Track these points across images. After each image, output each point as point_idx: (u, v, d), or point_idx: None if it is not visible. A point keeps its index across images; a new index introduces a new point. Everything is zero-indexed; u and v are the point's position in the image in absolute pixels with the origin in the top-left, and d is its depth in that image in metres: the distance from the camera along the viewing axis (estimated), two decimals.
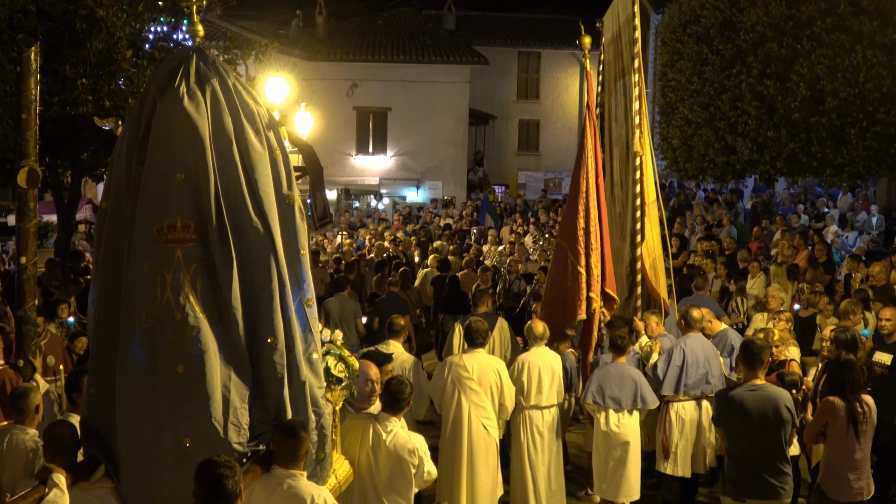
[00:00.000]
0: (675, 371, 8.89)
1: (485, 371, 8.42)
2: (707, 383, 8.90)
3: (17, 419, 6.65)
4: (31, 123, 6.46)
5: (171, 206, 5.00)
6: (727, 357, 9.51)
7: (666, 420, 9.02)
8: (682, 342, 9.03)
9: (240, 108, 5.18)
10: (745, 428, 7.00)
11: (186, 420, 4.99)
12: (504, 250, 19.82)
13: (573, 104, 37.62)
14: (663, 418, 9.07)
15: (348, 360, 5.91)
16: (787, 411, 6.94)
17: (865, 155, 17.33)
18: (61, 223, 15.96)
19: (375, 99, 34.01)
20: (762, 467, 6.93)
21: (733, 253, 16.80)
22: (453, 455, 8.36)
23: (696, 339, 9.07)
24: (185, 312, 4.95)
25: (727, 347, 9.66)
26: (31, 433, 6.58)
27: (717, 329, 10.02)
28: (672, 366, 8.91)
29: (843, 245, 19.96)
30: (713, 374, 8.96)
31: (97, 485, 5.11)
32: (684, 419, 8.98)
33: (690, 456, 8.99)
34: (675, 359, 8.92)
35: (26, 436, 6.50)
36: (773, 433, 6.94)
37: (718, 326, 10.09)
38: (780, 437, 6.96)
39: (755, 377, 7.10)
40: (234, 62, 14.83)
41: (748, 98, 19.28)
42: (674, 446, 8.94)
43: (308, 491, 5.19)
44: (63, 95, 11.88)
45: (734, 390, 7.19)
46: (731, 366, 9.44)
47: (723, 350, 9.62)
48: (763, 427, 6.93)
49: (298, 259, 5.33)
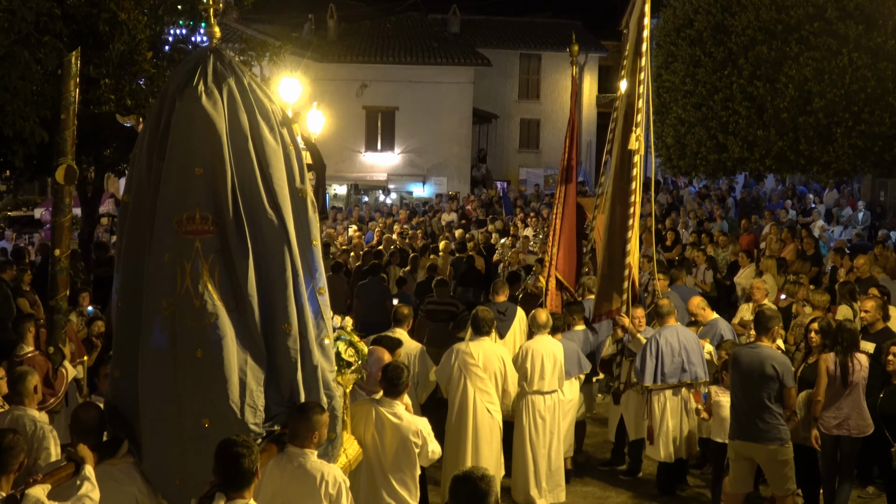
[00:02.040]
0: (651, 363, 8.94)
1: (490, 358, 8.45)
2: (683, 371, 8.95)
3: (16, 400, 6.66)
4: (70, 123, 6.48)
5: (190, 200, 5.02)
6: (716, 345, 9.48)
7: (649, 409, 9.07)
8: (656, 334, 9.05)
9: (255, 105, 5.19)
10: (738, 378, 7.60)
11: (205, 402, 5.02)
12: (506, 242, 19.81)
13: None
14: (648, 407, 9.10)
15: (358, 345, 5.93)
16: (773, 369, 7.37)
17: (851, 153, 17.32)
18: (85, 216, 15.96)
19: (384, 99, 33.97)
20: (749, 414, 7.48)
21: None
22: (459, 438, 8.39)
23: (671, 329, 9.06)
24: (203, 300, 4.98)
25: (717, 336, 9.61)
26: (31, 414, 6.59)
27: (709, 318, 9.99)
28: (649, 357, 8.95)
29: (829, 239, 19.94)
30: (692, 360, 8.97)
31: (122, 460, 5.15)
32: (665, 407, 9.02)
33: (671, 441, 9.01)
34: (650, 350, 8.96)
35: (26, 417, 6.51)
36: (757, 386, 7.43)
37: (710, 315, 10.06)
38: (762, 390, 7.41)
39: (760, 340, 7.65)
40: (249, 63, 14.79)
41: (739, 98, 19.27)
42: (657, 433, 8.99)
43: (318, 469, 5.22)
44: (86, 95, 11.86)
45: (739, 348, 7.96)
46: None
47: (712, 338, 9.58)
48: (749, 379, 7.48)
49: (311, 249, 5.35)
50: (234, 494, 4.45)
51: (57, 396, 8.02)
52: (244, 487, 4.48)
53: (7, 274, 12.15)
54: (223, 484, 4.47)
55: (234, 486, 4.45)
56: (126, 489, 5.05)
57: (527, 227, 22.06)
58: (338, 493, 5.23)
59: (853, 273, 12.76)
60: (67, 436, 5.65)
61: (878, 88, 16.52)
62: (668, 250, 17.17)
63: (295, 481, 5.20)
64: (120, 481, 5.04)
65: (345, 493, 5.27)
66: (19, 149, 11.10)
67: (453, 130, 34.23)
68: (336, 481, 5.23)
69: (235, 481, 4.44)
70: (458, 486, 3.93)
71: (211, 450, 4.52)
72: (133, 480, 5.10)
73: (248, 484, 4.49)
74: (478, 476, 3.91)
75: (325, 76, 31.32)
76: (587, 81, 38.57)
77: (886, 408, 7.91)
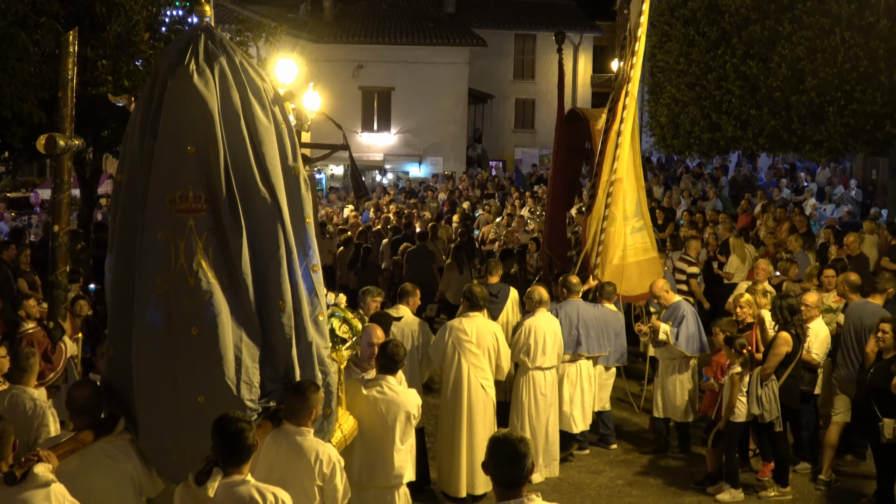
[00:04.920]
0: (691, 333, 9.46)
1: (483, 334, 8.45)
2: (578, 344, 9.43)
3: (16, 379, 6.66)
4: (68, 101, 6.52)
5: (182, 178, 5.00)
6: (675, 328, 9.46)
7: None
8: (556, 308, 9.39)
9: (246, 84, 5.16)
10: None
11: (201, 379, 5.02)
12: (502, 221, 19.79)
13: (567, 84, 37.25)
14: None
15: (352, 321, 5.93)
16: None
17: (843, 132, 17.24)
18: (84, 197, 15.94)
19: (380, 79, 33.86)
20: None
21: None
22: (453, 414, 8.41)
23: (573, 304, 9.55)
24: (197, 278, 4.96)
25: (678, 318, 9.53)
26: (30, 392, 6.59)
27: (671, 300, 9.87)
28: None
29: (820, 217, 19.94)
30: (590, 334, 9.50)
31: (118, 437, 5.14)
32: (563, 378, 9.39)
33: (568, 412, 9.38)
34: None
35: (25, 395, 6.51)
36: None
37: (673, 298, 9.94)
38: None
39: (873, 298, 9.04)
40: (245, 44, 14.72)
41: (732, 78, 19.19)
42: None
43: (313, 447, 5.22)
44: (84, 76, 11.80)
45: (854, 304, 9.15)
46: (676, 336, 9.42)
47: (675, 321, 9.52)
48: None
49: (304, 227, 5.32)
50: (232, 470, 4.45)
51: (56, 371, 8.04)
52: (242, 463, 4.47)
53: (7, 254, 12.14)
54: (221, 459, 4.46)
55: (233, 462, 4.45)
56: (122, 467, 5.03)
57: (524, 207, 22.03)
58: (331, 473, 5.24)
59: (844, 250, 12.78)
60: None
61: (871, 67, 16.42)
62: (661, 230, 17.14)
63: (290, 459, 5.20)
64: (116, 459, 5.02)
65: (339, 472, 5.28)
66: (17, 130, 11.07)
67: (449, 110, 34.16)
68: (330, 461, 5.24)
69: (235, 457, 4.43)
70: (498, 446, 3.99)
71: (207, 426, 4.51)
72: (129, 458, 5.08)
73: (247, 459, 4.49)
74: (517, 438, 3.98)
75: (321, 57, 31.18)
76: (582, 62, 38.46)
77: (876, 382, 7.93)
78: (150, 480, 5.16)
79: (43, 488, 4.35)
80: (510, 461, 3.93)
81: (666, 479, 9.04)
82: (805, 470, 9.05)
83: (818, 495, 8.63)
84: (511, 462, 3.93)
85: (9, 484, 4.34)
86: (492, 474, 4.05)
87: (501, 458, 3.96)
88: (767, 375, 8.30)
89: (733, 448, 8.50)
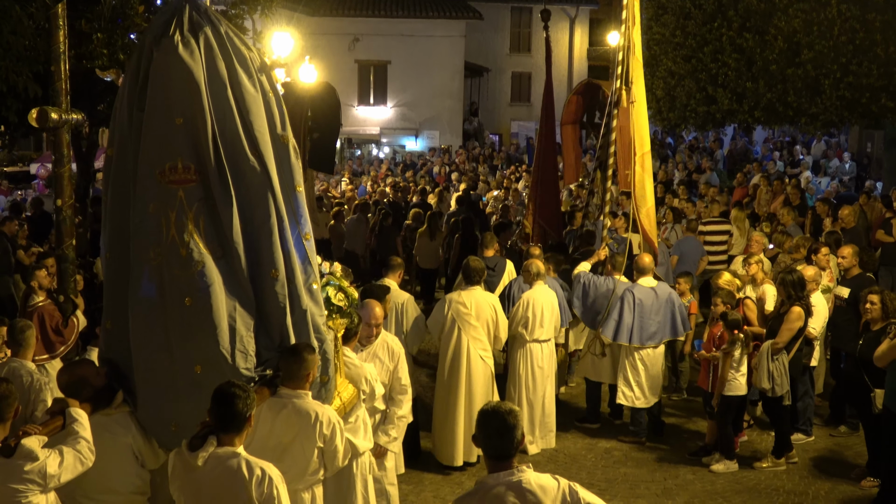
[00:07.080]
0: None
1: (482, 306, 8.48)
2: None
3: (14, 352, 6.66)
4: (62, 75, 6.50)
5: (171, 149, 4.96)
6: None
7: None
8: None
9: (232, 53, 5.11)
10: None
11: (196, 349, 5.01)
12: (499, 195, 19.77)
13: (563, 57, 37.18)
14: None
15: (347, 290, 5.91)
16: None
17: (838, 104, 17.23)
18: (81, 171, 15.82)
19: (376, 53, 33.67)
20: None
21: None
22: (452, 385, 8.44)
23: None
24: (189, 249, 4.94)
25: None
26: (29, 366, 6.59)
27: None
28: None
29: (816, 190, 19.93)
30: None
31: (117, 410, 5.14)
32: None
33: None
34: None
35: (23, 368, 6.51)
36: None
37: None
38: None
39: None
40: (241, 17, 14.59)
41: (728, 51, 19.10)
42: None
43: (312, 408, 5.21)
44: (79, 49, 11.72)
45: None
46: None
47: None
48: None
49: (295, 195, 5.29)
50: (226, 438, 4.46)
51: (67, 344, 8.03)
52: (235, 432, 4.46)
53: (7, 227, 12.13)
54: (216, 426, 4.47)
55: (226, 429, 4.45)
56: (121, 440, 5.03)
57: (519, 181, 22.00)
58: (332, 433, 5.24)
59: (838, 223, 12.78)
60: None
61: (867, 40, 16.36)
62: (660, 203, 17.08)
63: (289, 422, 5.19)
64: (115, 432, 5.02)
65: (339, 433, 5.28)
66: (13, 104, 11.01)
67: (445, 84, 34.01)
68: (330, 422, 5.24)
69: (227, 423, 4.43)
70: (487, 419, 4.00)
71: (204, 396, 4.52)
72: (129, 430, 5.08)
73: (239, 429, 4.48)
74: (506, 410, 3.98)
75: (316, 30, 30.93)
76: (578, 35, 38.20)
77: (865, 353, 7.95)
78: (152, 452, 5.16)
79: (33, 462, 4.38)
80: (499, 433, 3.94)
81: (662, 451, 9.09)
82: (800, 440, 9.08)
83: (811, 466, 8.67)
84: (500, 434, 3.94)
85: (5, 457, 4.37)
86: (482, 446, 4.06)
87: (491, 430, 3.96)
88: (779, 350, 8.26)
89: (728, 420, 8.53)
